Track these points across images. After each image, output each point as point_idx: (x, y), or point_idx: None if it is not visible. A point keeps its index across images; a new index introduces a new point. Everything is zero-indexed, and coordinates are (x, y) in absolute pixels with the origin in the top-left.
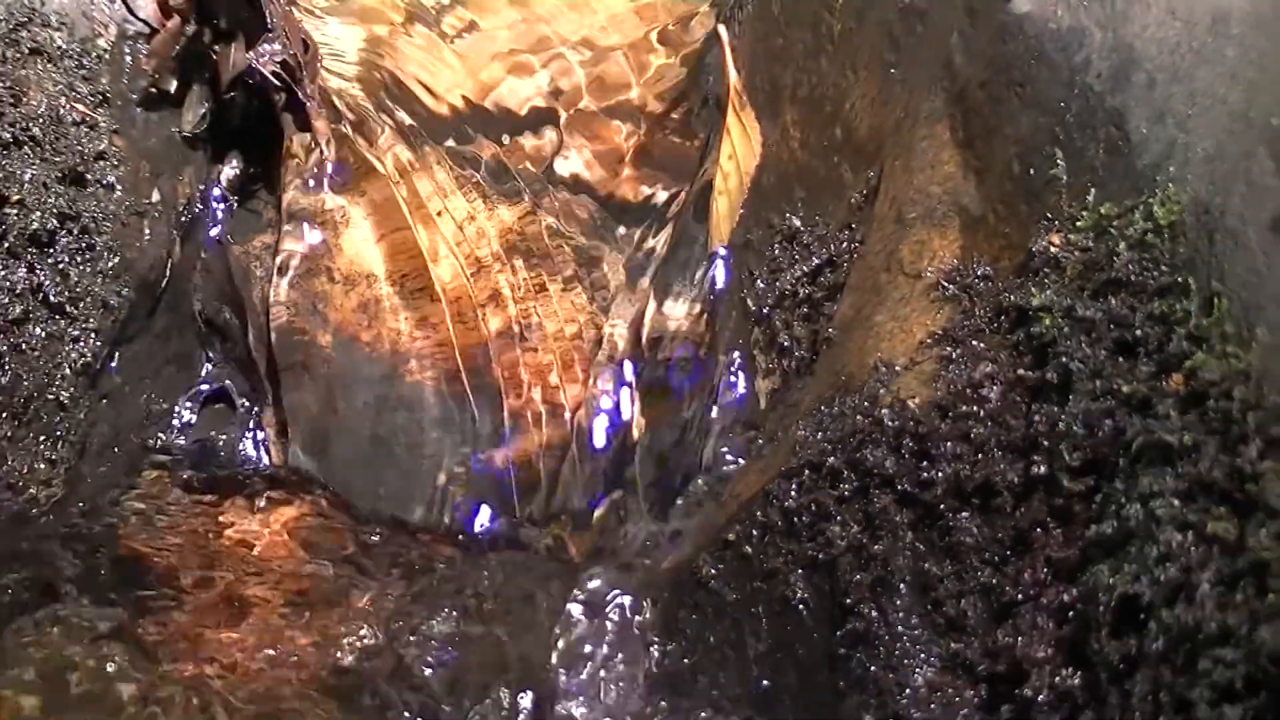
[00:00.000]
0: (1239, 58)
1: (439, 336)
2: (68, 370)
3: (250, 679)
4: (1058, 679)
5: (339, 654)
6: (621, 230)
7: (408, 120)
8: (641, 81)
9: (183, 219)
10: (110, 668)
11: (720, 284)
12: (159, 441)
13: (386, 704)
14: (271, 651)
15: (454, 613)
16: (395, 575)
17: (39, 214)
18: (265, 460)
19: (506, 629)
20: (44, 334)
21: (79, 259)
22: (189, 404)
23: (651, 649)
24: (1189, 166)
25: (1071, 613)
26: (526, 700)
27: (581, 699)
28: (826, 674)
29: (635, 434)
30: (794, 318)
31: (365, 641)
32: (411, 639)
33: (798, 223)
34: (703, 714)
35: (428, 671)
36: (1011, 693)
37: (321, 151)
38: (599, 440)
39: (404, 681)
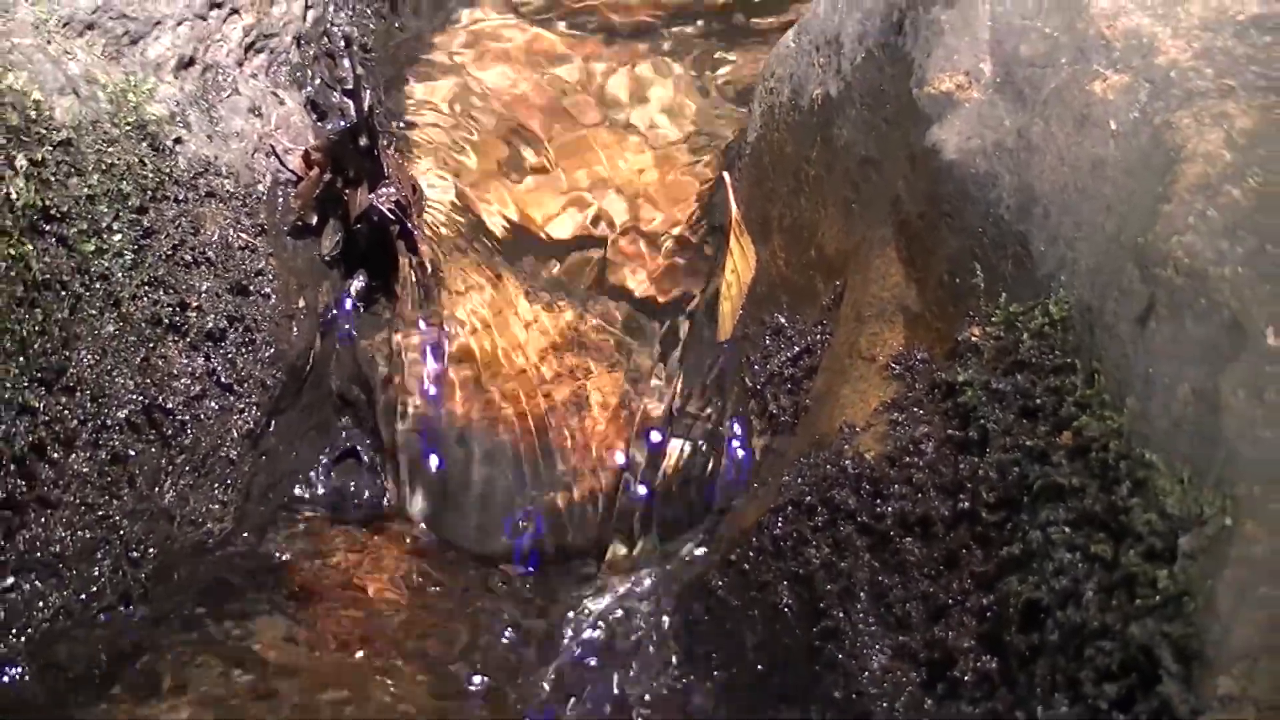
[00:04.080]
0: (1113, 194)
1: (517, 408)
2: (235, 434)
3: (353, 681)
4: (979, 664)
5: (431, 653)
6: (651, 326)
7: (488, 246)
8: (666, 214)
9: (322, 320)
10: (267, 667)
11: (725, 367)
12: (305, 489)
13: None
14: (376, 660)
15: (519, 612)
16: (479, 591)
17: (213, 316)
18: (385, 504)
19: (555, 627)
20: (217, 407)
21: (243, 350)
22: (327, 460)
23: (672, 641)
24: (1076, 276)
25: (989, 613)
26: (566, 675)
27: (615, 679)
28: (806, 661)
29: (663, 482)
30: (780, 392)
31: (450, 645)
32: (486, 635)
33: (783, 320)
34: (714, 691)
35: (495, 650)
36: (945, 674)
37: (426, 269)
38: (635, 487)
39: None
